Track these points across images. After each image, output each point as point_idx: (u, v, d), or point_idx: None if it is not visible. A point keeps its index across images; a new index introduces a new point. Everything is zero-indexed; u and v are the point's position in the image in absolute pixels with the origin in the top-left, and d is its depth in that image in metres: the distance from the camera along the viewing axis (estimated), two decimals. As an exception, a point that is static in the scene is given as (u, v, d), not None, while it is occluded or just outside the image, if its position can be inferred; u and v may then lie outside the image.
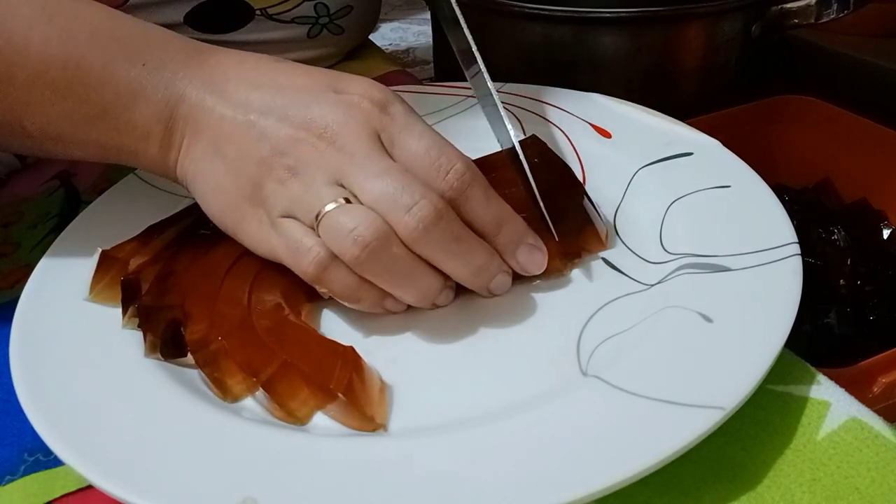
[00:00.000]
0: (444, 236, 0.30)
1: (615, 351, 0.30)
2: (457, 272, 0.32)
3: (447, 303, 0.33)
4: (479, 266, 0.32)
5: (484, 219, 0.32)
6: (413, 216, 0.29)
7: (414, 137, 0.32)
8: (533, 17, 0.51)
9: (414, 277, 0.31)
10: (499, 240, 0.32)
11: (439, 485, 0.24)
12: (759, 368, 0.27)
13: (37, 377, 0.29)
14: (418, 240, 0.30)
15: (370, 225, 0.29)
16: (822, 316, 0.41)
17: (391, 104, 0.32)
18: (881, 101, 0.55)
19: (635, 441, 0.25)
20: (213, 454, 0.26)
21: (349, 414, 0.28)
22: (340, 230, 0.29)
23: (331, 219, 0.30)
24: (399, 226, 0.30)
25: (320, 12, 0.59)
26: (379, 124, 0.32)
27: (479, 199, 0.32)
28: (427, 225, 0.30)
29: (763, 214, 0.34)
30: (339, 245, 0.30)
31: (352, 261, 0.29)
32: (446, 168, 0.31)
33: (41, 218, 0.44)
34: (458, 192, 0.31)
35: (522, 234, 0.33)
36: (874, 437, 0.27)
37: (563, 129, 0.43)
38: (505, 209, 0.33)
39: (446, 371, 0.30)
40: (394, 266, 0.30)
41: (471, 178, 0.31)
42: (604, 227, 0.36)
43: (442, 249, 0.31)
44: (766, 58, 0.55)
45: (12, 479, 0.29)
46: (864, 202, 0.49)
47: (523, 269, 0.33)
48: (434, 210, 0.30)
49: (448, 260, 0.31)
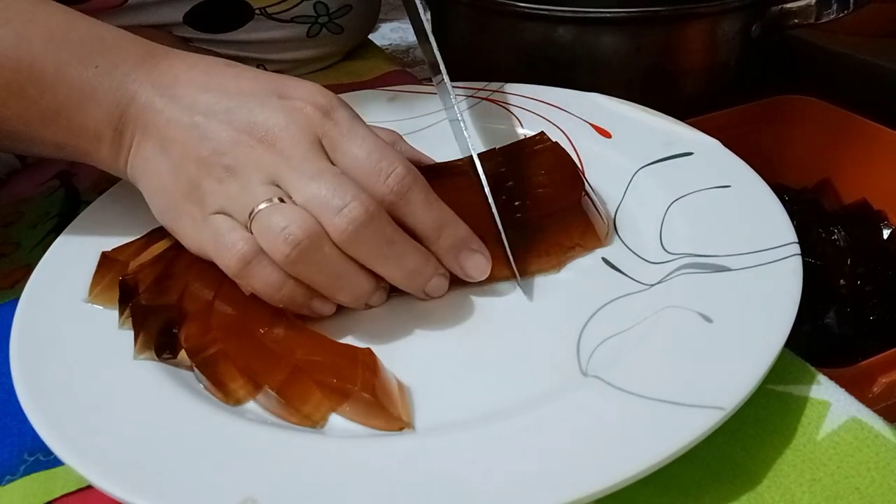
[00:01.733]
0: (375, 238, 0.30)
1: (615, 351, 0.30)
2: (389, 275, 0.32)
3: (380, 304, 0.33)
4: (411, 269, 0.32)
5: (425, 223, 0.32)
6: (344, 217, 0.30)
7: (355, 142, 0.32)
8: (533, 17, 0.51)
9: (345, 278, 0.31)
10: (440, 244, 0.32)
11: (440, 485, 0.24)
12: (759, 368, 0.27)
13: (37, 377, 0.29)
14: (349, 241, 0.30)
15: (302, 224, 0.30)
16: (822, 316, 0.41)
17: (335, 109, 0.33)
18: (881, 101, 0.55)
19: (635, 441, 0.25)
20: (213, 454, 0.26)
21: (376, 415, 0.28)
22: (272, 228, 0.30)
23: (263, 217, 0.30)
24: (330, 227, 0.30)
25: (320, 11, 0.59)
26: (321, 129, 0.32)
27: (419, 203, 0.32)
28: (357, 227, 0.30)
29: (763, 214, 0.34)
30: (270, 243, 0.30)
31: (282, 259, 0.30)
32: (387, 172, 0.31)
33: (41, 218, 0.44)
34: (398, 196, 0.31)
35: (464, 239, 0.33)
36: (874, 437, 0.27)
37: (563, 129, 0.43)
38: (447, 213, 0.33)
39: (446, 371, 0.30)
40: (325, 266, 0.30)
41: (411, 182, 0.31)
42: (604, 225, 0.36)
43: (373, 252, 0.31)
44: (766, 58, 0.55)
45: (12, 479, 0.29)
46: (864, 202, 0.49)
47: (466, 274, 0.33)
48: (365, 212, 0.30)
49: (379, 262, 0.31)
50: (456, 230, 0.33)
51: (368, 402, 0.28)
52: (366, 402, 0.28)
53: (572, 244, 0.35)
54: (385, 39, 1.19)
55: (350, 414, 0.28)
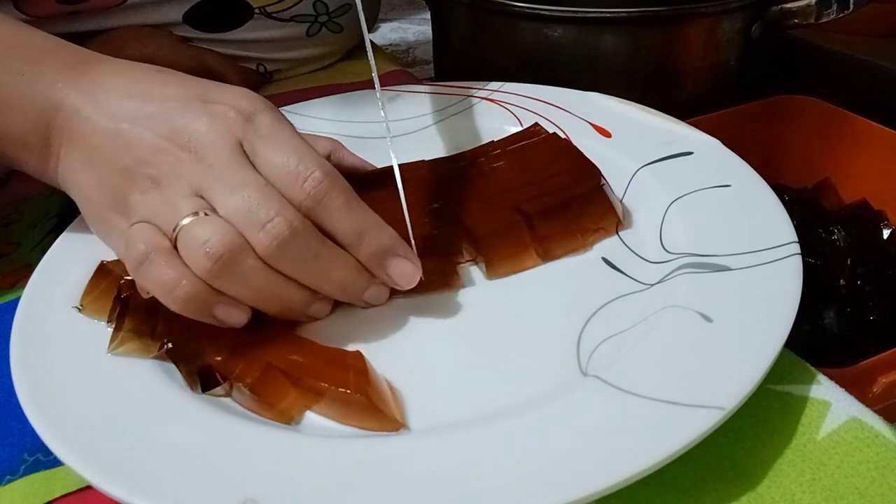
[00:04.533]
0: (300, 254, 0.30)
1: (615, 351, 0.30)
2: (320, 288, 0.31)
3: (323, 315, 0.32)
4: (341, 282, 0.31)
5: (344, 229, 0.31)
6: (268, 233, 0.29)
7: (275, 147, 0.31)
8: (533, 17, 0.51)
9: (272, 291, 0.30)
10: (361, 251, 0.31)
11: (439, 485, 0.24)
12: (759, 368, 0.27)
13: (37, 377, 0.29)
14: (273, 257, 0.29)
15: (223, 237, 0.29)
16: (822, 316, 0.41)
17: (258, 113, 0.32)
18: (881, 101, 0.55)
19: (635, 441, 0.25)
20: (213, 455, 0.26)
21: (370, 417, 0.28)
22: (194, 242, 0.29)
23: (186, 232, 0.29)
24: (254, 242, 0.29)
25: (319, 10, 0.59)
26: (242, 134, 0.31)
27: (337, 208, 0.31)
28: (281, 243, 0.29)
29: (763, 214, 0.34)
30: (191, 257, 0.29)
31: (204, 274, 0.29)
32: (304, 176, 0.30)
33: (41, 218, 0.44)
34: (314, 201, 0.30)
35: (389, 245, 0.32)
36: (874, 437, 0.27)
37: (563, 129, 0.43)
38: (369, 218, 0.31)
39: (446, 371, 0.30)
40: (249, 280, 0.30)
41: (329, 186, 0.30)
42: (621, 208, 0.37)
43: (299, 267, 0.30)
44: (766, 58, 0.55)
45: (12, 479, 0.29)
46: (864, 202, 0.49)
47: (392, 282, 0.32)
48: (289, 227, 0.29)
49: (308, 277, 0.31)
50: (379, 236, 0.31)
51: (362, 404, 0.28)
52: (359, 405, 0.28)
53: (595, 227, 0.36)
54: (385, 39, 1.19)
55: (344, 417, 0.28)
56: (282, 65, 0.61)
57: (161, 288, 0.29)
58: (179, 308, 0.29)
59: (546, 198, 0.36)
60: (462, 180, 0.38)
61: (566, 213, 0.36)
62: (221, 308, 0.30)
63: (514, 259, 0.35)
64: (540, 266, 0.35)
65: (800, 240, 0.32)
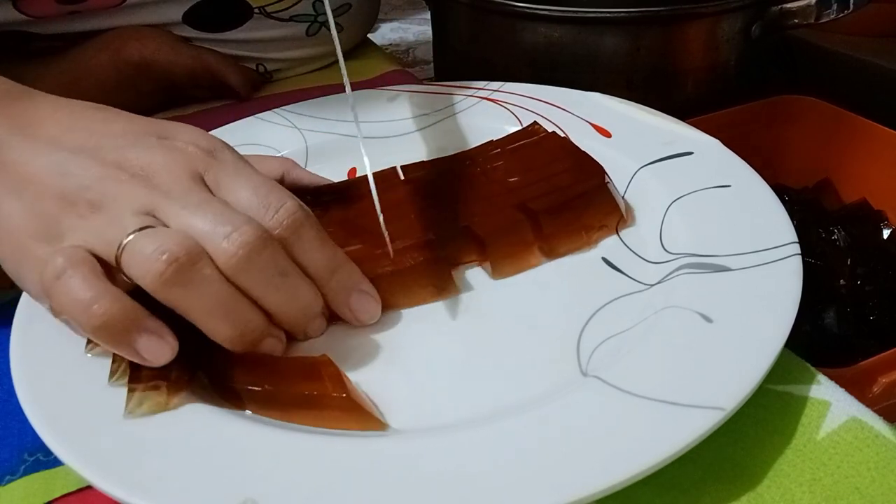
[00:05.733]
0: (267, 267, 0.28)
1: (615, 351, 0.30)
2: (279, 308, 0.29)
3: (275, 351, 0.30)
4: (304, 305, 0.30)
5: (318, 262, 0.30)
6: (233, 242, 0.27)
7: (241, 179, 0.29)
8: (533, 17, 0.51)
9: (228, 306, 0.27)
10: (331, 285, 0.30)
11: (439, 485, 0.24)
12: (759, 368, 0.27)
13: (37, 377, 0.29)
14: (238, 267, 0.27)
15: (181, 242, 0.26)
16: (822, 316, 0.41)
17: (220, 151, 0.30)
18: (881, 101, 0.55)
19: (635, 441, 0.25)
20: (213, 455, 0.26)
21: (351, 415, 0.27)
22: (146, 249, 0.26)
23: (135, 243, 0.26)
24: (217, 253, 0.27)
25: (319, 10, 0.59)
26: (203, 166, 0.29)
27: (312, 240, 0.29)
28: (250, 251, 0.27)
29: (763, 214, 0.34)
30: (141, 267, 0.26)
31: (155, 280, 0.26)
32: (276, 206, 0.29)
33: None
34: (289, 231, 0.29)
35: (357, 281, 0.31)
36: (874, 437, 0.27)
37: (563, 129, 0.43)
38: (339, 254, 0.31)
39: (446, 371, 0.30)
40: (204, 290, 0.27)
41: (303, 218, 0.29)
42: (624, 205, 0.37)
43: (263, 282, 0.28)
44: (766, 58, 0.55)
45: (12, 479, 0.29)
46: (864, 202, 0.49)
47: (355, 317, 0.31)
48: (258, 237, 0.27)
49: (270, 293, 0.28)
50: (350, 271, 0.31)
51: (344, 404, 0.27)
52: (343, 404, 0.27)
53: (599, 224, 0.36)
54: (385, 39, 1.19)
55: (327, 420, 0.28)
56: (281, 64, 0.61)
57: (76, 306, 0.26)
58: (94, 331, 0.26)
59: (550, 196, 0.36)
60: (463, 180, 0.38)
61: (570, 210, 0.36)
62: (144, 338, 0.27)
63: (519, 258, 0.35)
64: (540, 266, 0.35)
65: (800, 240, 0.32)
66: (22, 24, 0.51)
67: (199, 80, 0.56)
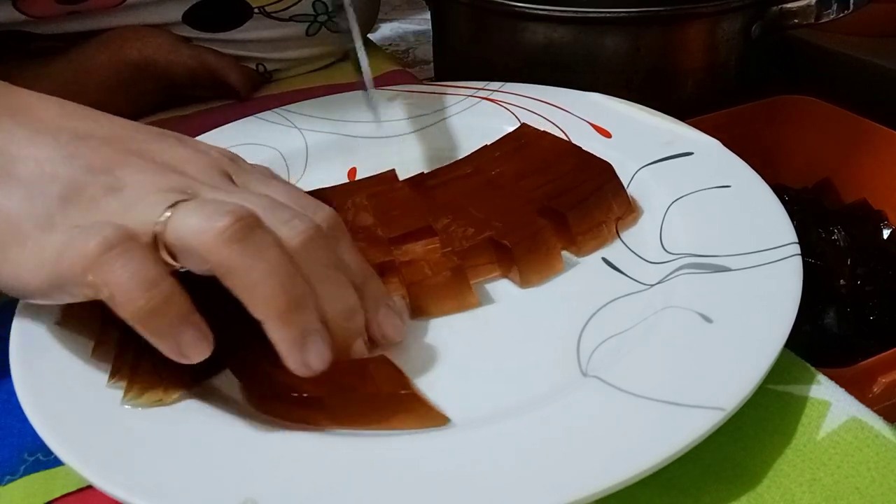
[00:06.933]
0: (324, 256, 0.27)
1: (615, 351, 0.30)
2: (330, 303, 0.27)
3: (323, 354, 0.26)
4: (350, 306, 0.28)
5: (354, 267, 0.29)
6: (294, 228, 0.26)
7: (272, 183, 0.29)
8: (533, 17, 0.51)
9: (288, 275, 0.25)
10: (365, 293, 0.29)
11: (440, 485, 0.24)
12: (759, 368, 0.27)
13: (37, 377, 0.29)
14: (301, 247, 0.26)
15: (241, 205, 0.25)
16: (822, 316, 0.41)
17: (243, 161, 0.30)
18: (881, 101, 0.55)
19: (635, 441, 0.25)
20: (213, 455, 0.26)
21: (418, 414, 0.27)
22: (199, 212, 0.24)
23: (181, 213, 0.24)
24: (280, 231, 0.26)
25: (318, 10, 0.59)
26: (231, 169, 0.29)
27: (348, 245, 0.29)
28: (311, 236, 0.26)
29: (763, 214, 0.34)
30: (197, 228, 0.24)
31: (217, 235, 0.24)
32: (313, 209, 0.28)
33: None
34: (331, 232, 0.28)
35: (385, 295, 0.30)
36: (874, 437, 0.27)
37: (563, 129, 0.43)
38: (368, 265, 0.30)
39: (446, 371, 0.30)
40: (265, 253, 0.25)
41: (341, 223, 0.29)
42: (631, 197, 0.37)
43: (320, 269, 0.26)
44: (766, 58, 0.55)
45: (12, 479, 0.29)
46: (864, 202, 0.49)
47: (381, 329, 0.30)
48: (314, 226, 0.26)
49: (324, 282, 0.26)
50: (379, 283, 0.30)
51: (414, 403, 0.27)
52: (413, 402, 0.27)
53: (614, 217, 0.36)
54: (385, 39, 1.19)
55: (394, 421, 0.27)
56: (281, 64, 0.61)
57: (134, 285, 0.24)
58: (144, 317, 0.24)
59: (568, 195, 0.36)
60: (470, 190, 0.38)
61: (593, 207, 0.36)
62: (190, 332, 0.25)
63: (547, 265, 0.34)
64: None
65: (800, 240, 0.32)
66: (22, 24, 0.51)
67: (199, 80, 0.56)
